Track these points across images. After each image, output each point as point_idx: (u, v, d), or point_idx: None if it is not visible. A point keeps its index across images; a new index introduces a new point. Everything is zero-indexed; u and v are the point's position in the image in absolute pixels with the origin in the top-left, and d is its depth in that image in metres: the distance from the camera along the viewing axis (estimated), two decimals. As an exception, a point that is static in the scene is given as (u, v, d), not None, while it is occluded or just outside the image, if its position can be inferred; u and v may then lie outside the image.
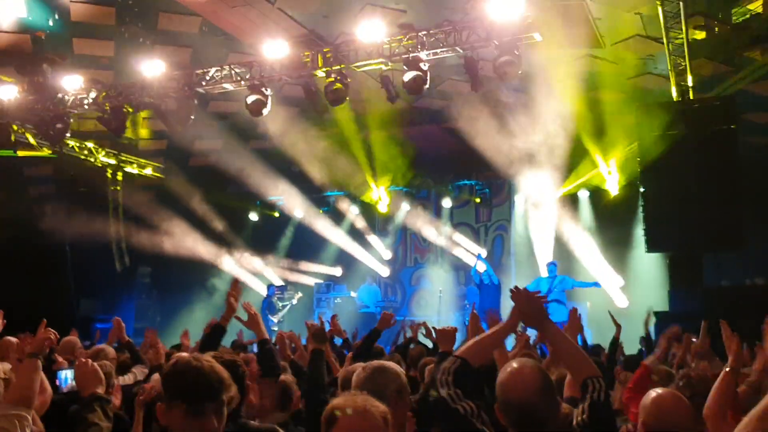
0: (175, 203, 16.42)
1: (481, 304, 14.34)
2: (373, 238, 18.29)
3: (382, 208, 17.67)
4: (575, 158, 14.36)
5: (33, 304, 12.53)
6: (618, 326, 7.71)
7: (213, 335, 4.75)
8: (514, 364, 2.83)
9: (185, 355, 4.80)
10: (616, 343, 7.62)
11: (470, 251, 16.86)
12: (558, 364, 4.35)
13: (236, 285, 4.84)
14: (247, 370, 3.67)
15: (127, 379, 5.68)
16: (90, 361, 3.24)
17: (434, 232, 17.69)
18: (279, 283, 17.88)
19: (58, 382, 3.97)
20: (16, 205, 15.17)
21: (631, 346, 9.55)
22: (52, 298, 14.08)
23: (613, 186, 14.69)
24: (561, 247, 15.18)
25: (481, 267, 14.80)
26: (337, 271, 18.30)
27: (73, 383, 3.51)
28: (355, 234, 18.17)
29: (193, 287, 17.02)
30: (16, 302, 12.38)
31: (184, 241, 16.45)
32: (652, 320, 9.35)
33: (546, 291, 12.70)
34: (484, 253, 16.34)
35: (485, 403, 2.83)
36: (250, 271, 18.07)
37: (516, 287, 3.11)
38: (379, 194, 17.37)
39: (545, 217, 15.57)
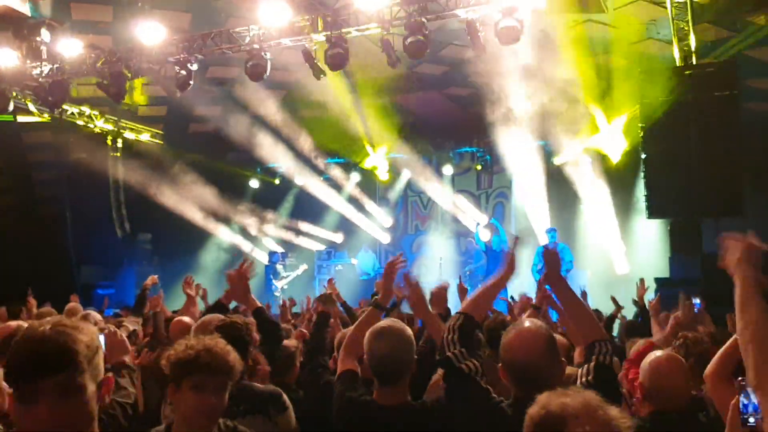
0: (175, 169, 16.41)
1: (488, 271, 14.41)
2: (373, 205, 18.32)
3: (382, 175, 17.66)
4: (577, 124, 14.31)
5: (33, 271, 12.63)
6: (618, 308, 7.82)
7: (215, 312, 4.75)
8: (520, 325, 2.85)
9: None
10: (613, 319, 7.73)
11: (472, 218, 16.91)
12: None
13: (247, 267, 4.70)
14: (253, 336, 3.68)
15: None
16: (118, 331, 3.38)
17: (435, 198, 17.75)
18: (280, 250, 17.95)
19: None
20: (15, 172, 15.16)
21: (630, 313, 9.63)
22: (52, 266, 14.15)
23: (615, 152, 14.66)
24: (562, 213, 15.21)
25: (485, 235, 14.80)
26: (338, 238, 18.34)
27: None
28: (356, 201, 18.19)
29: (194, 253, 17.10)
30: (17, 270, 12.54)
31: (185, 207, 16.46)
32: (649, 290, 9.34)
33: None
34: (483, 221, 16.35)
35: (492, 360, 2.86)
36: (251, 237, 18.13)
37: (547, 246, 3.16)
38: (377, 161, 17.33)
39: (545, 184, 15.58)
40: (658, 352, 3.42)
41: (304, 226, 18.30)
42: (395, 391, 3.15)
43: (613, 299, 8.03)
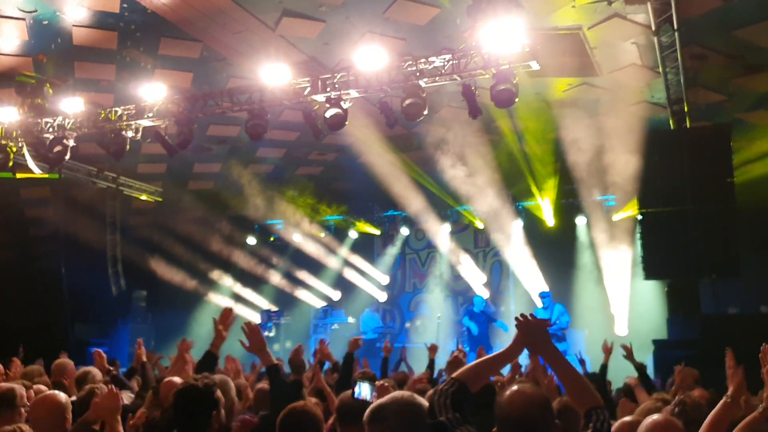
0: (173, 226, 16.43)
1: (470, 333, 14.34)
2: (371, 263, 18.32)
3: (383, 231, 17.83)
4: (573, 185, 14.41)
5: (27, 327, 12.53)
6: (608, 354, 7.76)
7: (205, 363, 4.72)
8: (515, 386, 2.81)
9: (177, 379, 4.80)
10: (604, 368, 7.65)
11: (469, 277, 16.91)
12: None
13: (227, 313, 4.85)
14: (217, 397, 3.54)
15: None
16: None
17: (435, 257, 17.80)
18: (275, 308, 17.86)
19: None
20: (12, 227, 15.16)
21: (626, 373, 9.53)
22: (46, 322, 14.03)
23: (612, 212, 14.77)
24: (559, 273, 15.19)
25: (479, 306, 14.80)
26: (336, 295, 18.27)
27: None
28: (354, 259, 18.19)
29: (189, 311, 16.97)
30: (11, 325, 12.43)
31: (181, 264, 16.43)
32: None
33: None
34: (485, 295, 16.30)
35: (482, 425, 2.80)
36: (246, 295, 18.06)
37: (522, 315, 3.11)
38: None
39: (541, 243, 15.64)
40: (655, 416, 3.38)
41: (301, 283, 18.23)
42: None
43: (605, 349, 7.89)
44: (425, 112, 9.37)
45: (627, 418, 3.70)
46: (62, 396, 4.38)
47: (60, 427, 4.19)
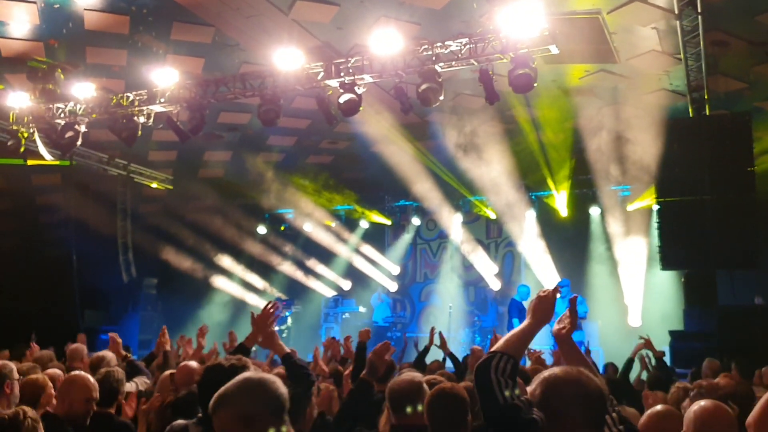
0: (184, 214, 16.36)
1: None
2: (382, 253, 18.23)
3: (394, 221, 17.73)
4: (588, 174, 14.25)
5: (38, 314, 12.48)
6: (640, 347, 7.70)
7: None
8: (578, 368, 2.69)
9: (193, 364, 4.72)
10: (630, 363, 7.54)
11: (481, 268, 16.78)
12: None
13: (269, 312, 4.43)
14: None
15: (129, 387, 5.61)
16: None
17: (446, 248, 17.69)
18: (285, 297, 17.79)
19: None
20: (23, 214, 15.13)
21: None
22: (56, 309, 13.99)
23: (626, 203, 14.61)
24: (573, 263, 15.04)
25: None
26: (347, 285, 18.19)
27: None
28: (365, 248, 18.09)
29: (199, 299, 16.92)
30: (22, 312, 12.39)
31: (191, 252, 16.37)
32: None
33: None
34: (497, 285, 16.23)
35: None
36: (256, 284, 18.00)
37: (555, 289, 3.02)
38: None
39: (556, 234, 15.50)
40: (703, 402, 3.25)
41: (311, 272, 18.15)
42: None
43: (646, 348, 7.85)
44: (441, 98, 9.22)
45: (658, 407, 3.57)
46: (92, 378, 4.49)
47: (88, 406, 4.32)
